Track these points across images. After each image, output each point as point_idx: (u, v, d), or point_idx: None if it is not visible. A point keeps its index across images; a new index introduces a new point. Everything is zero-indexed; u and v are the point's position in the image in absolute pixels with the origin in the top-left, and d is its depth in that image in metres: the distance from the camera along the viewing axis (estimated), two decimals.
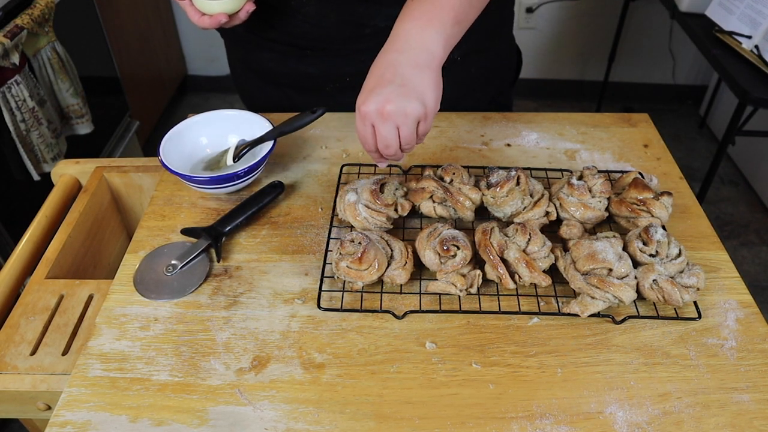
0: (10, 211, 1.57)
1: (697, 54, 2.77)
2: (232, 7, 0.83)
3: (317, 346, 0.68)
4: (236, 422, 0.61)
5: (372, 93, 0.69)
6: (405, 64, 0.70)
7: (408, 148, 0.72)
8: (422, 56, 0.71)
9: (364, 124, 0.71)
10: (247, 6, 0.85)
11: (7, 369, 0.69)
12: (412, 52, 0.71)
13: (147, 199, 0.98)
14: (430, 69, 0.71)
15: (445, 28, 0.72)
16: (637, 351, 0.68)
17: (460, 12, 0.73)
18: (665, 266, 0.71)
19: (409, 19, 0.73)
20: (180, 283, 0.75)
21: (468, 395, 0.64)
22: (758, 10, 1.67)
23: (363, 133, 0.72)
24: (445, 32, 0.72)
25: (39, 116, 1.58)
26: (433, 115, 0.72)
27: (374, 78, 0.71)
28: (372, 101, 0.69)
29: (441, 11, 0.72)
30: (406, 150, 0.73)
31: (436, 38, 0.72)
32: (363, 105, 0.70)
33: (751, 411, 0.62)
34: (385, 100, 0.68)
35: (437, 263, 0.73)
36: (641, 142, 0.98)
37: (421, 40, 0.71)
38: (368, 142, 0.72)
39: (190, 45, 2.93)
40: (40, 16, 1.57)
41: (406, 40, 0.72)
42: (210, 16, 0.83)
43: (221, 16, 0.83)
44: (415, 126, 0.70)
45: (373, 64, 0.73)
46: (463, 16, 0.75)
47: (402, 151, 0.73)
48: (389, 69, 0.70)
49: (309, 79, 1.02)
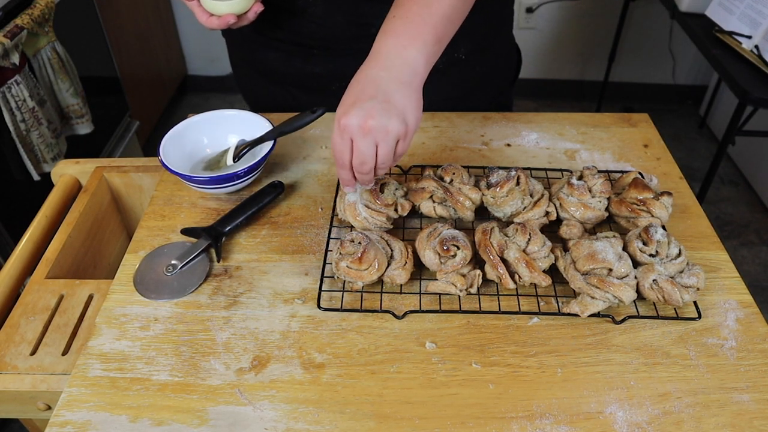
0: (10, 211, 1.57)
1: (697, 54, 2.77)
2: (241, 7, 0.83)
3: (317, 346, 0.68)
4: (236, 422, 0.61)
5: (353, 107, 0.67)
6: (387, 80, 0.69)
7: (383, 167, 0.70)
8: (405, 74, 0.70)
9: (342, 137, 0.68)
10: (255, 7, 0.85)
11: (7, 369, 0.69)
12: (395, 70, 0.70)
13: (147, 199, 0.98)
14: (412, 87, 0.70)
15: (427, 47, 0.72)
16: (637, 351, 0.68)
17: (441, 30, 0.73)
18: (665, 266, 0.71)
19: (391, 35, 0.72)
20: (180, 283, 0.75)
21: (468, 395, 0.64)
22: (758, 10, 1.67)
23: (339, 147, 0.69)
24: (426, 50, 0.71)
25: (39, 116, 1.58)
26: (413, 135, 0.70)
27: (355, 92, 0.69)
28: (353, 115, 0.67)
29: (423, 29, 0.72)
30: (381, 169, 0.70)
31: (418, 57, 0.71)
32: (343, 117, 0.68)
33: (751, 411, 0.62)
34: (367, 115, 0.66)
35: (437, 263, 0.73)
36: (641, 142, 0.98)
37: (403, 58, 0.70)
38: (344, 157, 0.70)
39: (190, 45, 2.93)
40: (40, 16, 1.57)
41: (388, 57, 0.71)
42: (218, 17, 0.83)
43: (229, 17, 0.83)
44: (394, 144, 0.68)
45: (354, 79, 0.71)
46: (443, 34, 0.74)
47: (376, 171, 0.70)
48: (371, 84, 0.69)
49: (314, 79, 1.02)
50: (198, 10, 0.84)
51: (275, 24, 0.96)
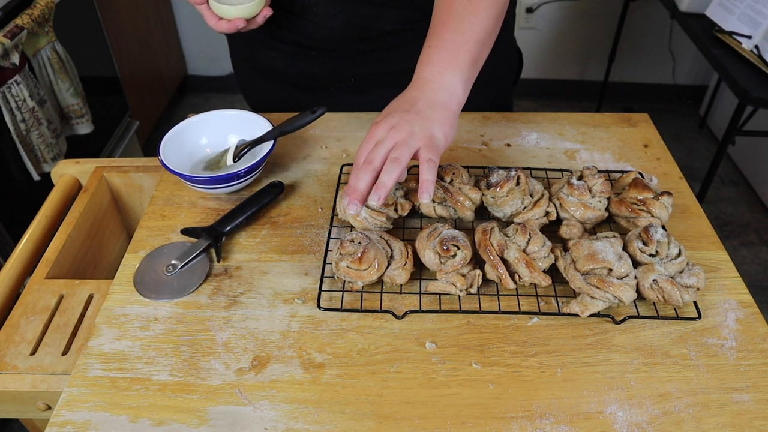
0: (10, 211, 1.57)
1: (697, 54, 2.77)
2: (251, 12, 0.83)
3: (317, 346, 0.68)
4: (236, 422, 0.61)
5: (387, 116, 0.72)
6: (423, 100, 0.72)
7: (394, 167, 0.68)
8: (441, 96, 0.73)
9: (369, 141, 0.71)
10: (264, 11, 0.85)
11: (7, 369, 0.69)
12: (431, 92, 0.73)
13: (147, 199, 0.98)
14: (447, 108, 0.73)
15: (464, 71, 0.74)
16: (637, 351, 0.68)
17: (475, 53, 0.75)
18: (665, 266, 0.71)
19: (428, 64, 0.75)
20: (180, 283, 0.75)
21: (468, 395, 0.64)
22: (758, 10, 1.67)
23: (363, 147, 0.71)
24: (463, 75, 0.74)
25: (39, 116, 1.58)
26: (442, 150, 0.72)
27: (390, 108, 0.73)
28: (384, 121, 0.71)
29: (458, 55, 0.74)
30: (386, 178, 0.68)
31: (454, 80, 0.74)
32: (375, 125, 0.71)
33: (751, 411, 0.62)
34: (398, 121, 0.70)
35: (437, 263, 0.73)
36: (641, 142, 0.98)
37: (440, 83, 0.73)
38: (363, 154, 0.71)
39: (190, 45, 2.93)
40: (40, 16, 1.57)
41: (425, 83, 0.74)
42: (228, 21, 0.83)
43: (239, 21, 0.83)
44: (414, 146, 0.69)
45: (391, 102, 0.75)
46: (478, 57, 0.77)
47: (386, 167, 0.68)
48: (407, 103, 0.73)
49: (314, 79, 1.02)
50: (207, 14, 0.84)
51: (276, 24, 0.96)
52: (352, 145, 0.97)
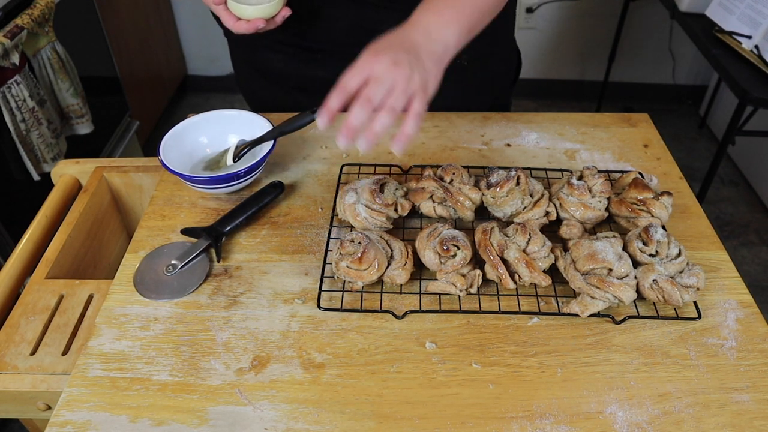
0: (10, 211, 1.57)
1: (697, 54, 2.77)
2: (270, 12, 0.82)
3: (317, 346, 0.68)
4: (236, 422, 0.61)
5: (387, 50, 0.67)
6: (424, 47, 0.70)
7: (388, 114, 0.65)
8: (439, 49, 0.72)
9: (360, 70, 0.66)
10: (283, 11, 0.84)
11: (7, 369, 0.69)
12: (432, 42, 0.71)
13: (147, 199, 0.98)
14: (441, 63, 0.72)
15: (462, 33, 0.74)
16: (637, 351, 0.68)
17: (474, 20, 0.76)
18: (665, 266, 0.71)
19: (434, 12, 0.74)
20: (180, 283, 0.75)
21: (468, 395, 0.64)
22: (758, 10, 1.67)
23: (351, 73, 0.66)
24: (460, 36, 0.74)
25: (39, 116, 1.58)
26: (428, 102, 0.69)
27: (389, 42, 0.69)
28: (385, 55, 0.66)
29: (460, 16, 0.74)
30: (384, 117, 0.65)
31: (452, 39, 0.73)
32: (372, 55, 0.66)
33: (751, 411, 0.62)
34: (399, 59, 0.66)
35: (437, 263, 0.73)
36: (641, 142, 0.98)
37: (441, 34, 0.72)
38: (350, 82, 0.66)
39: (190, 45, 2.93)
40: (40, 16, 1.57)
41: (427, 29, 0.72)
42: (247, 22, 0.83)
43: (259, 22, 0.82)
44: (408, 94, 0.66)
45: (388, 35, 0.71)
46: (475, 25, 0.76)
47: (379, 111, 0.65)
48: (407, 42, 0.70)
49: (316, 82, 1.02)
50: (225, 15, 0.83)
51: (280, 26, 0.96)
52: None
